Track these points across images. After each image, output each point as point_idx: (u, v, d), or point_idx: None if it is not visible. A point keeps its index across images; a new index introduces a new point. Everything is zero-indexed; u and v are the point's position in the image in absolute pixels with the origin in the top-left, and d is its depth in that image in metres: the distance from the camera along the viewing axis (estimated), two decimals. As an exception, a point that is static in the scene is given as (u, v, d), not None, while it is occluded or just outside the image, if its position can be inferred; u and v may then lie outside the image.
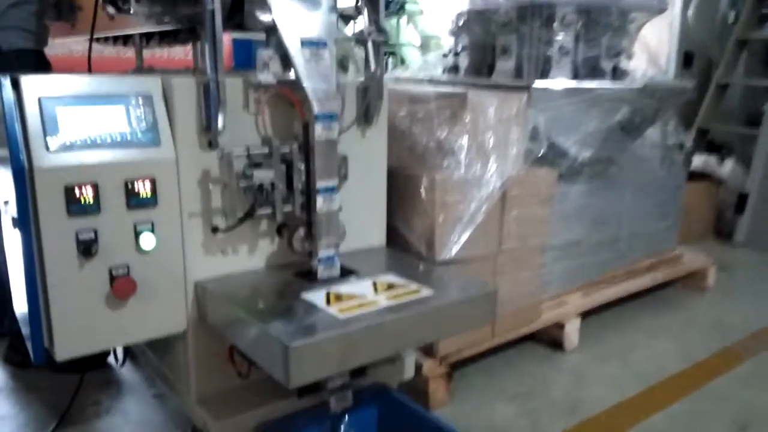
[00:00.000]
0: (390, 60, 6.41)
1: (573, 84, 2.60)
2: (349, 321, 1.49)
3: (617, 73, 2.92)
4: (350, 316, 1.51)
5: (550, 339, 2.76)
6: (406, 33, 6.72)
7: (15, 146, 1.44)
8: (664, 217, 3.32)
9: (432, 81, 2.98)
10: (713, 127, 4.83)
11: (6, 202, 1.64)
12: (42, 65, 2.35)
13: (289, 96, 1.72)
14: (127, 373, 2.47)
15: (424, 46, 6.27)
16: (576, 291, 2.87)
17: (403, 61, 6.46)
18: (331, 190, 1.72)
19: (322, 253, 1.75)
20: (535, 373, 2.55)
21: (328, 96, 1.68)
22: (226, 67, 1.63)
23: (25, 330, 1.65)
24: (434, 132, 2.10)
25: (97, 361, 2.49)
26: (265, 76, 1.68)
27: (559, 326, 2.71)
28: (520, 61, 2.73)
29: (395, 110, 2.19)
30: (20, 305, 1.71)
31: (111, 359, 2.53)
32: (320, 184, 1.69)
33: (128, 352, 2.49)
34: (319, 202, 1.70)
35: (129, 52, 2.75)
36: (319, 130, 1.66)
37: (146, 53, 2.55)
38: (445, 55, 3.09)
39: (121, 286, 1.58)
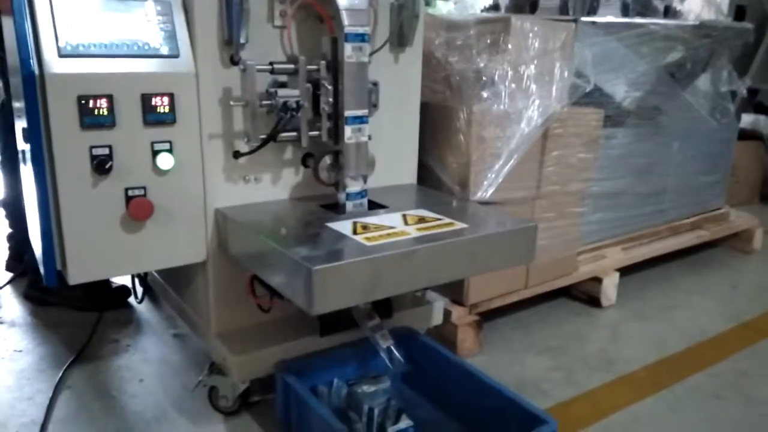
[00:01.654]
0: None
1: (623, 19, 2.42)
2: (375, 248, 1.38)
3: (670, 13, 2.73)
4: (377, 244, 1.41)
5: (585, 295, 2.63)
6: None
7: (25, 50, 1.35)
8: (713, 172, 3.13)
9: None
10: (764, 87, 4.56)
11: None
12: None
13: (317, 9, 1.59)
14: (146, 313, 2.42)
15: (458, 2, 6.05)
16: (616, 245, 2.73)
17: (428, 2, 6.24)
18: (361, 119, 1.59)
19: (350, 184, 1.64)
20: (569, 329, 2.43)
21: (359, 10, 1.54)
22: (250, -27, 1.51)
23: (38, 251, 1.58)
24: (473, 61, 1.95)
25: (117, 301, 2.44)
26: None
27: (597, 281, 2.57)
28: (565, -2, 2.55)
29: (431, 38, 2.04)
30: (34, 230, 1.63)
31: (131, 299, 2.48)
32: (348, 111, 1.57)
33: (148, 291, 2.44)
34: (348, 132, 1.58)
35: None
36: (349, 49, 1.54)
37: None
38: (484, -6, 2.92)
39: (137, 208, 1.49)
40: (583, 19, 2.24)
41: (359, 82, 1.60)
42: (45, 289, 2.41)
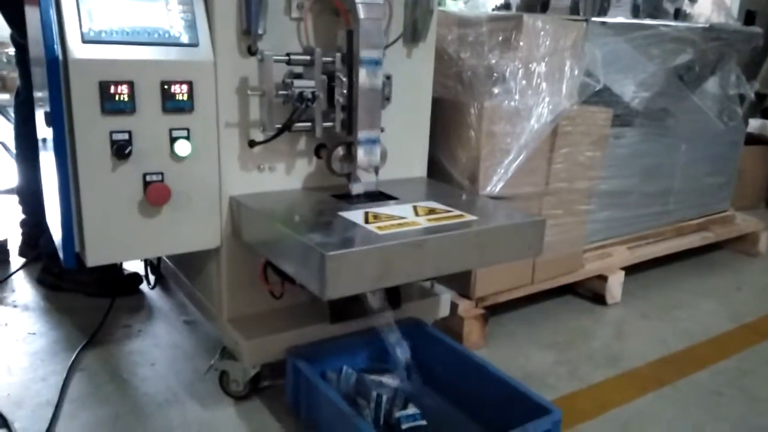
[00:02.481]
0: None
1: (633, 20, 2.44)
2: (387, 237, 1.41)
3: (680, 16, 2.76)
4: (389, 233, 1.44)
5: (591, 293, 2.65)
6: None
7: (50, 35, 1.38)
8: (719, 174, 3.14)
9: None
10: (772, 92, 4.57)
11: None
12: None
13: (334, 2, 1.62)
14: (158, 300, 2.45)
15: (469, 1, 6.07)
16: (621, 244, 2.75)
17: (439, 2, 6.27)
18: (373, 141, 1.64)
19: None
20: (574, 325, 2.45)
21: (375, 4, 1.58)
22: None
23: (57, 236, 1.62)
24: (484, 57, 1.98)
25: (129, 287, 2.48)
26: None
27: (602, 278, 2.60)
28: (576, -2, 2.58)
29: (443, 34, 2.07)
30: (53, 213, 1.67)
31: (143, 286, 2.51)
32: (362, 133, 1.62)
33: (160, 278, 2.48)
34: (360, 150, 1.63)
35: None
36: (363, 74, 1.58)
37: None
38: (495, -7, 2.94)
39: (155, 193, 1.52)
40: (594, 19, 2.27)
41: (372, 104, 1.64)
42: (58, 275, 2.45)
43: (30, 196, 2.57)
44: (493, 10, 2.93)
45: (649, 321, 2.52)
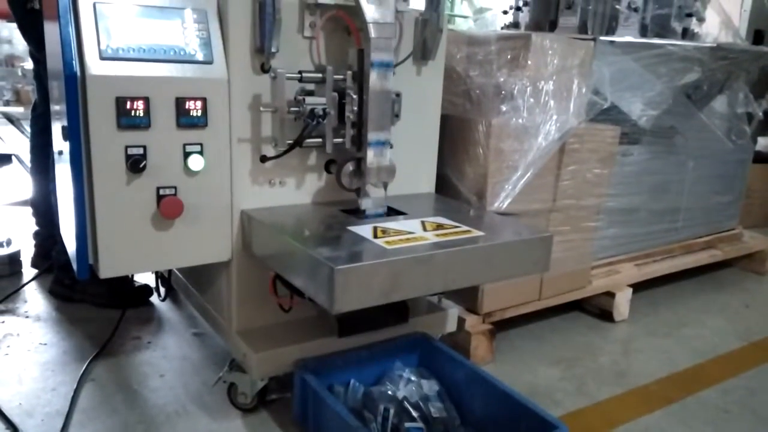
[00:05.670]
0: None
1: (641, 39, 2.47)
2: (395, 252, 1.43)
3: (687, 36, 2.78)
4: (397, 248, 1.46)
5: (598, 309, 2.66)
6: (459, 7, 6.58)
7: (68, 52, 1.42)
8: (727, 192, 3.15)
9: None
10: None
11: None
12: None
13: (345, 20, 1.65)
14: (168, 312, 2.48)
15: (478, 20, 6.13)
16: (629, 261, 2.75)
17: (448, 20, 6.33)
18: (383, 143, 1.66)
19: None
20: (581, 341, 2.46)
21: (386, 23, 1.61)
22: (283, -14, 1.57)
23: (71, 247, 1.65)
24: (493, 75, 2.00)
25: (140, 299, 2.50)
26: (323, -5, 1.63)
27: (609, 295, 2.60)
28: (585, 17, 2.61)
29: (452, 52, 2.11)
30: (68, 225, 1.70)
31: (153, 298, 2.54)
32: (372, 134, 1.64)
33: (170, 290, 2.50)
34: (370, 152, 1.65)
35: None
36: (374, 76, 1.61)
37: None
38: (505, 12, 2.98)
39: (168, 206, 1.55)
40: (602, 38, 2.30)
41: (383, 107, 1.67)
42: (70, 286, 2.48)
43: (43, 207, 2.61)
44: (502, 28, 2.97)
45: (656, 338, 2.52)
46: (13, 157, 4.83)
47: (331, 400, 1.57)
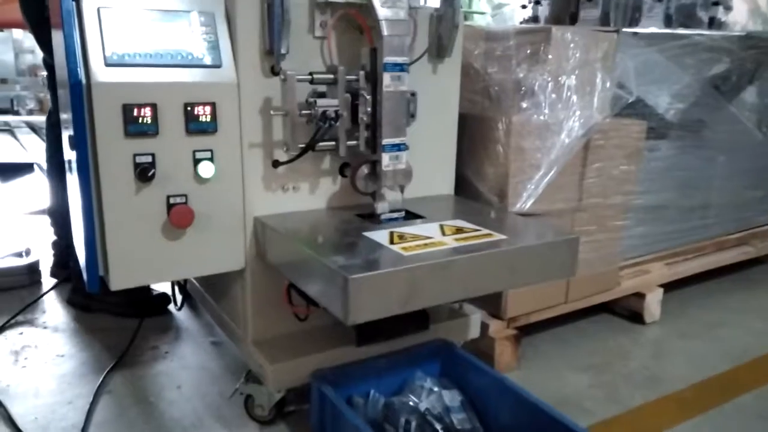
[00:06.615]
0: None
1: (666, 30, 2.37)
2: (413, 258, 1.37)
3: (714, 25, 2.68)
4: (414, 254, 1.39)
5: (627, 311, 2.57)
6: (477, 4, 6.50)
7: (73, 60, 1.38)
8: (760, 186, 3.02)
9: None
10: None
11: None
12: None
13: (357, 19, 1.60)
14: (186, 320, 2.44)
15: (496, 16, 6.04)
16: (659, 260, 2.66)
17: (465, 17, 6.25)
18: (398, 147, 1.61)
19: (387, 194, 1.63)
20: (611, 345, 2.37)
21: (399, 20, 1.55)
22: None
23: (81, 257, 1.61)
24: (512, 71, 1.93)
25: (158, 308, 2.47)
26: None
27: (639, 296, 2.51)
28: (606, 9, 2.52)
29: (469, 48, 2.04)
30: (78, 236, 1.67)
31: (170, 307, 2.51)
32: (386, 140, 1.58)
33: (187, 299, 2.47)
34: (386, 156, 1.59)
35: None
36: (387, 79, 1.55)
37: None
38: (524, 6, 2.90)
39: (179, 215, 1.51)
40: (625, 29, 2.21)
41: (397, 110, 1.61)
42: (88, 295, 2.45)
43: (61, 217, 2.59)
44: (521, 23, 2.89)
45: (689, 340, 2.42)
46: (35, 166, 4.88)
47: (350, 414, 1.52)
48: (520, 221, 1.80)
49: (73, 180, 1.57)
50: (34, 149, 5.52)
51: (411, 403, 1.68)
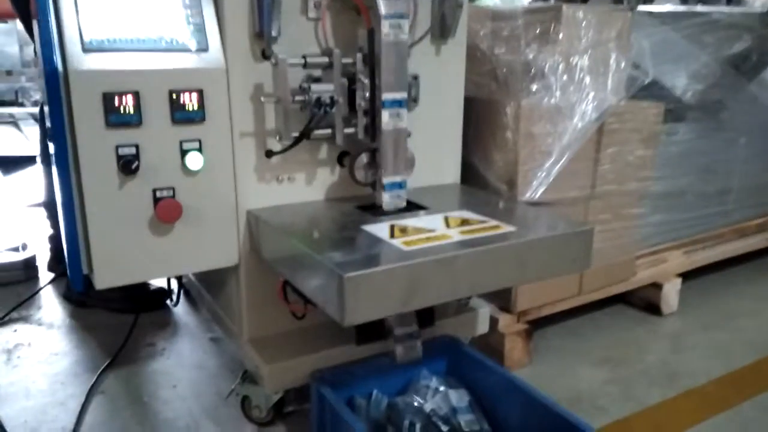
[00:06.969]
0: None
1: (683, 8, 2.25)
2: (414, 254, 1.28)
3: (733, 1, 2.55)
4: (416, 249, 1.30)
5: (644, 301, 2.47)
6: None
7: (48, 46, 1.30)
8: (782, 170, 2.91)
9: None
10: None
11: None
12: None
13: (353, -1, 1.49)
14: (184, 315, 2.37)
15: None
16: (677, 248, 2.55)
17: None
18: (399, 103, 1.49)
19: (387, 180, 1.54)
20: (627, 338, 2.27)
21: (398, -1, 1.44)
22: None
23: (66, 255, 1.53)
24: (521, 52, 1.82)
25: (155, 303, 2.41)
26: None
27: (656, 287, 2.41)
28: (620, -15, 2.40)
29: (475, 29, 1.93)
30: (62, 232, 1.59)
31: (168, 302, 2.44)
32: (387, 95, 1.47)
33: (186, 294, 2.40)
34: (386, 117, 1.48)
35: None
36: (386, 31, 1.43)
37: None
38: (532, -16, 2.77)
39: (166, 209, 1.42)
40: (640, 8, 2.09)
41: (398, 63, 1.49)
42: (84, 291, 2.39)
43: (56, 210, 2.52)
44: (530, 1, 2.76)
45: (709, 332, 2.32)
46: (37, 158, 4.82)
47: (350, 417, 1.43)
48: (531, 211, 1.70)
49: (54, 173, 1.49)
50: (38, 141, 5.47)
51: (416, 404, 1.60)
